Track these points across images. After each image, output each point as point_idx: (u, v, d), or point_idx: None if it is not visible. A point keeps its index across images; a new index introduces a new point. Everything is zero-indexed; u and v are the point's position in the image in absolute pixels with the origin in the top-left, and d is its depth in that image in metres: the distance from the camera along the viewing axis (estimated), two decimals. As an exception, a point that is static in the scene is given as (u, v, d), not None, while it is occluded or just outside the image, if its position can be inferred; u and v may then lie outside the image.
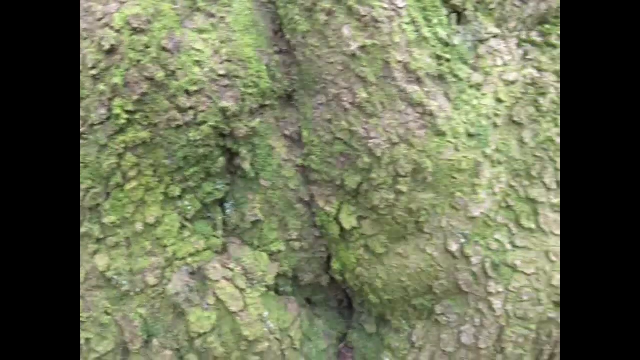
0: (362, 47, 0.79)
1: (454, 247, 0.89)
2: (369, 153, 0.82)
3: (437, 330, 0.97)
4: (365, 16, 0.79)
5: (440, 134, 0.82)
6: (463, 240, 0.89)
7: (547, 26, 0.95)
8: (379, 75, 0.80)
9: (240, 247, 0.93)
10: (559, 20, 0.96)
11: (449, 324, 0.96)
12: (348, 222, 0.89)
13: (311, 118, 0.86)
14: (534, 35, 0.94)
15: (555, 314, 0.96)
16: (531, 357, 1.01)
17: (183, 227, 0.91)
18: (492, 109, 0.87)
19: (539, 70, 0.93)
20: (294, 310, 0.96)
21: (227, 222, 0.97)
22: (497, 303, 0.93)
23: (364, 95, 0.80)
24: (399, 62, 0.79)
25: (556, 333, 1.00)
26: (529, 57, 0.93)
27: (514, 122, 0.89)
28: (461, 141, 0.84)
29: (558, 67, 0.94)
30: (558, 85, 0.93)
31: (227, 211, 0.96)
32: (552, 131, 0.92)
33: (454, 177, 0.85)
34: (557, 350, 1.07)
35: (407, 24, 0.80)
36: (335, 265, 0.96)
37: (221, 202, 0.96)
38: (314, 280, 0.99)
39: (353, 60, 0.80)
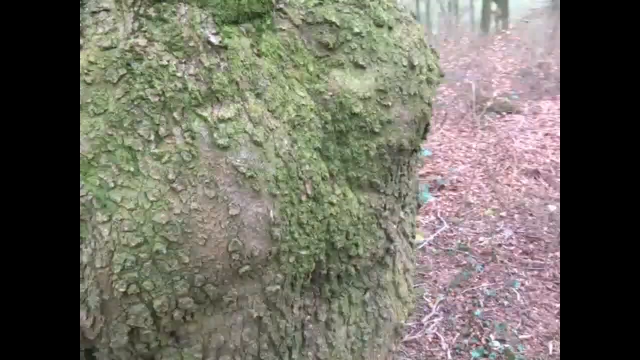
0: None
1: (57, 181, 1.10)
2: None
3: (72, 250, 1.20)
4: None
5: (20, 86, 1.04)
6: (64, 176, 1.10)
7: (164, 4, 1.13)
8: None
9: None
10: (173, 0, 1.13)
11: (82, 247, 1.18)
12: None
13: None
14: (151, 12, 1.13)
15: (162, 246, 1.15)
16: (184, 288, 1.21)
17: None
18: (82, 69, 1.08)
19: (150, 40, 1.12)
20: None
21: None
22: (104, 231, 1.14)
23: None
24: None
25: (185, 259, 1.19)
26: (143, 29, 1.12)
27: (107, 81, 1.09)
28: (45, 93, 1.06)
29: (168, 38, 1.12)
30: (164, 53, 1.11)
31: None
32: (146, 91, 1.10)
33: (43, 122, 1.07)
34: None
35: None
36: None
37: None
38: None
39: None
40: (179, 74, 1.11)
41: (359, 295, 1.67)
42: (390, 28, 1.41)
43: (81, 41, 1.08)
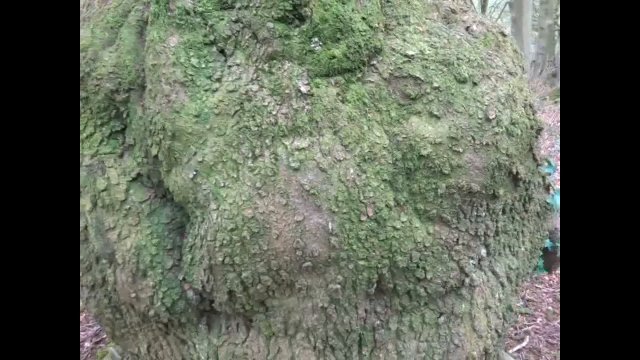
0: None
1: (190, 176, 1.64)
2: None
3: (197, 226, 1.72)
4: (157, 49, 1.62)
5: (177, 111, 1.59)
6: (195, 173, 1.63)
7: (274, 61, 1.56)
8: (154, 81, 1.62)
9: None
10: (282, 58, 1.56)
11: (202, 224, 1.70)
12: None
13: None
14: (265, 66, 1.57)
15: (247, 234, 1.59)
16: (263, 269, 1.65)
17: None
18: (214, 104, 1.58)
19: (260, 87, 1.57)
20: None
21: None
22: (214, 216, 1.63)
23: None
24: (164, 74, 1.60)
25: (264, 246, 1.61)
26: (259, 79, 1.58)
27: (227, 114, 1.57)
28: (190, 117, 1.59)
29: (272, 86, 1.55)
30: (267, 97, 1.55)
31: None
32: (250, 123, 1.55)
33: (187, 137, 1.61)
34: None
35: (173, 54, 1.59)
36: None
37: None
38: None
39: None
40: (274, 112, 1.53)
41: (434, 317, 1.85)
42: (475, 84, 1.59)
43: (218, 85, 1.59)
